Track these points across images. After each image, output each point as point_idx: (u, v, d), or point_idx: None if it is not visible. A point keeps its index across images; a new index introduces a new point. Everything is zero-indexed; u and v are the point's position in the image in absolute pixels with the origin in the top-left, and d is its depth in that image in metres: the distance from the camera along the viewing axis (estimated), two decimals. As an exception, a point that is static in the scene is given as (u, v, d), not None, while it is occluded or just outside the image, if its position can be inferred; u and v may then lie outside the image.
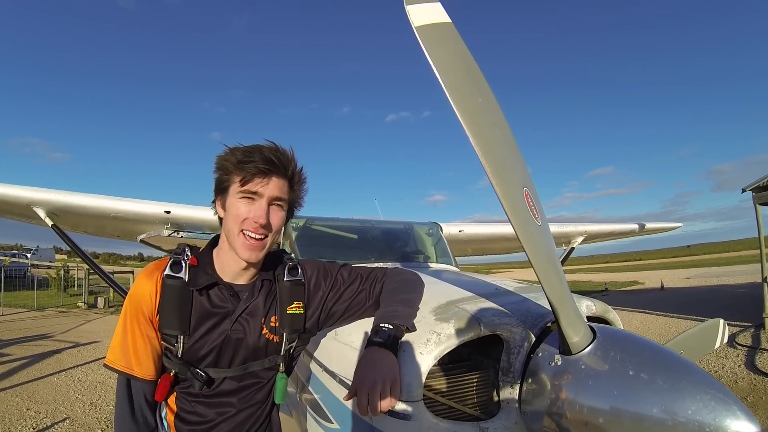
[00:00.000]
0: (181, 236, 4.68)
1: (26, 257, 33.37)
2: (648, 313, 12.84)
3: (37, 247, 37.08)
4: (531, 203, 1.12)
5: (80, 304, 17.69)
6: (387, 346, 1.30)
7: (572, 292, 1.27)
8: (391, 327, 1.35)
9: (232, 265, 1.39)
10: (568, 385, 1.16)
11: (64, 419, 5.14)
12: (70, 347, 9.42)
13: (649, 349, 1.15)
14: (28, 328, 11.88)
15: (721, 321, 2.46)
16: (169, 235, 4.68)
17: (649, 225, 7.22)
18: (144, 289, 1.34)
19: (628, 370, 1.09)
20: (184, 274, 1.36)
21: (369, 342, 1.34)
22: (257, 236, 1.32)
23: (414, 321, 1.43)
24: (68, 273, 22.50)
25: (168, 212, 4.30)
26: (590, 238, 6.70)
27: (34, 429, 4.86)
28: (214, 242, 1.48)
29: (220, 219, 1.41)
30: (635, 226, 7.09)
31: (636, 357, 1.11)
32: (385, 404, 1.19)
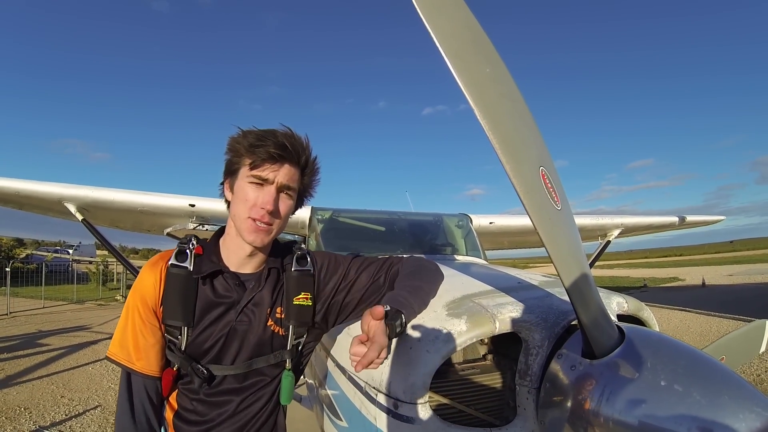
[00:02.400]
0: (206, 229, 4.70)
1: (68, 253, 34.70)
2: (688, 311, 12.34)
3: (79, 243, 38.46)
4: (549, 185, 0.98)
5: (118, 298, 18.23)
6: (393, 334, 1.20)
7: (608, 287, 1.13)
8: (405, 323, 1.25)
9: (238, 251, 1.33)
10: (590, 393, 1.03)
11: (96, 407, 5.26)
12: (106, 338, 9.66)
13: (686, 356, 1.00)
14: (67, 320, 12.30)
15: (767, 322, 2.27)
16: (194, 228, 4.70)
17: (689, 218, 6.85)
18: (147, 279, 1.30)
19: (660, 379, 0.95)
20: (188, 263, 1.31)
21: (390, 320, 1.20)
22: (263, 223, 1.26)
23: (416, 314, 1.34)
24: (107, 268, 23.23)
25: (193, 205, 4.32)
26: (627, 231, 6.41)
27: (66, 415, 4.98)
28: (221, 232, 1.43)
29: (228, 202, 1.36)
30: (675, 219, 6.74)
31: (670, 365, 0.98)
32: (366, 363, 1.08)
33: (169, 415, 1.37)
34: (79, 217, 4.45)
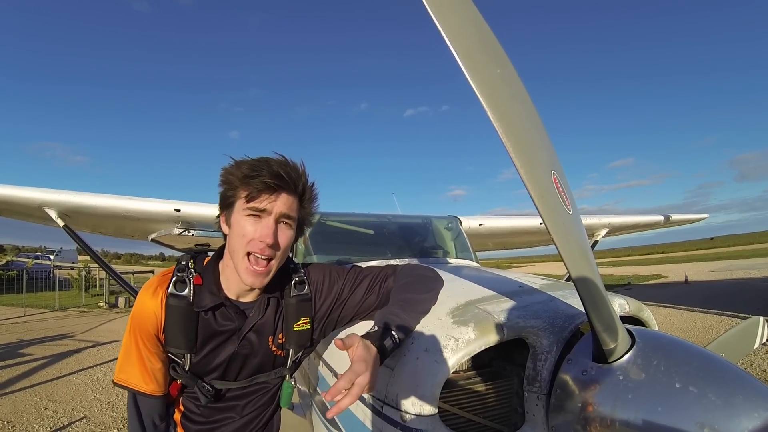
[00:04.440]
0: (192, 234, 4.63)
1: (49, 259, 34.04)
2: (672, 307, 12.52)
3: (61, 248, 37.77)
4: (560, 188, 0.97)
5: (101, 304, 17.87)
6: (384, 357, 1.17)
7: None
8: (397, 341, 1.23)
9: (239, 283, 1.33)
10: (603, 398, 1.02)
11: (81, 418, 5.13)
12: (90, 347, 9.48)
13: (698, 357, 1.00)
14: (49, 328, 12.02)
15: (761, 319, 2.30)
16: (179, 234, 4.62)
17: (674, 216, 6.97)
18: (148, 307, 1.30)
19: (675, 382, 0.94)
20: (188, 293, 1.30)
21: (377, 341, 1.18)
22: (263, 257, 1.24)
23: (411, 328, 1.32)
24: (89, 273, 22.77)
25: (178, 210, 4.25)
26: (614, 230, 6.49)
27: (51, 428, 4.85)
28: (221, 253, 1.41)
29: (225, 236, 1.34)
30: (660, 218, 6.85)
31: (683, 366, 0.97)
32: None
33: (177, 416, 1.46)
34: (61, 223, 4.36)
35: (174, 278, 1.31)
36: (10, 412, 5.35)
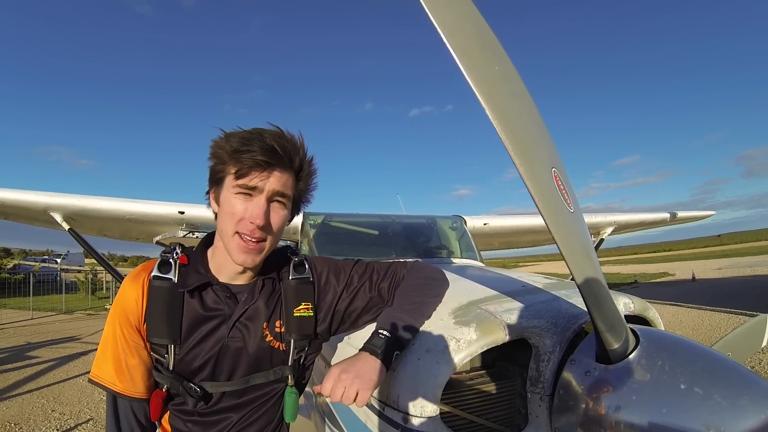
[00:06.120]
0: (196, 237, 4.64)
1: (56, 262, 34.30)
2: (679, 305, 12.44)
3: (68, 252, 38.05)
4: (561, 186, 0.95)
5: (108, 307, 17.97)
6: (376, 355, 1.15)
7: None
8: (389, 336, 1.20)
9: (228, 265, 1.22)
10: (606, 399, 1.00)
11: (88, 420, 5.17)
12: (96, 349, 9.54)
13: (703, 357, 0.98)
14: (56, 331, 12.10)
15: (769, 317, 2.27)
16: (184, 236, 4.64)
17: (681, 214, 6.94)
18: (129, 294, 1.19)
19: (679, 383, 0.92)
20: (173, 275, 1.19)
21: (363, 346, 1.20)
22: (254, 239, 1.15)
23: (418, 329, 1.30)
24: (96, 276, 22.89)
25: (182, 213, 4.26)
26: (620, 228, 6.46)
27: (57, 430, 4.90)
28: (209, 240, 1.31)
29: (215, 213, 1.24)
30: (667, 215, 6.81)
31: (688, 367, 0.95)
32: (340, 394, 1.08)
33: None
34: (66, 226, 4.38)
35: (159, 260, 1.22)
36: (17, 414, 5.39)
